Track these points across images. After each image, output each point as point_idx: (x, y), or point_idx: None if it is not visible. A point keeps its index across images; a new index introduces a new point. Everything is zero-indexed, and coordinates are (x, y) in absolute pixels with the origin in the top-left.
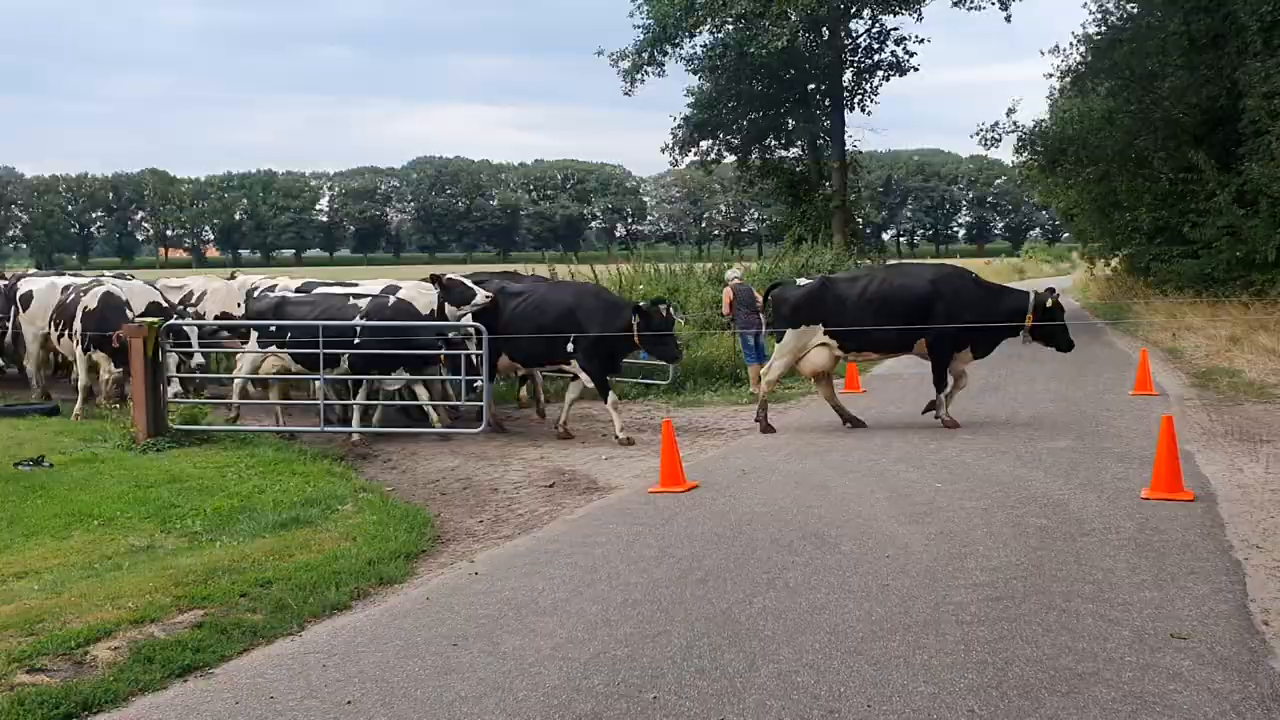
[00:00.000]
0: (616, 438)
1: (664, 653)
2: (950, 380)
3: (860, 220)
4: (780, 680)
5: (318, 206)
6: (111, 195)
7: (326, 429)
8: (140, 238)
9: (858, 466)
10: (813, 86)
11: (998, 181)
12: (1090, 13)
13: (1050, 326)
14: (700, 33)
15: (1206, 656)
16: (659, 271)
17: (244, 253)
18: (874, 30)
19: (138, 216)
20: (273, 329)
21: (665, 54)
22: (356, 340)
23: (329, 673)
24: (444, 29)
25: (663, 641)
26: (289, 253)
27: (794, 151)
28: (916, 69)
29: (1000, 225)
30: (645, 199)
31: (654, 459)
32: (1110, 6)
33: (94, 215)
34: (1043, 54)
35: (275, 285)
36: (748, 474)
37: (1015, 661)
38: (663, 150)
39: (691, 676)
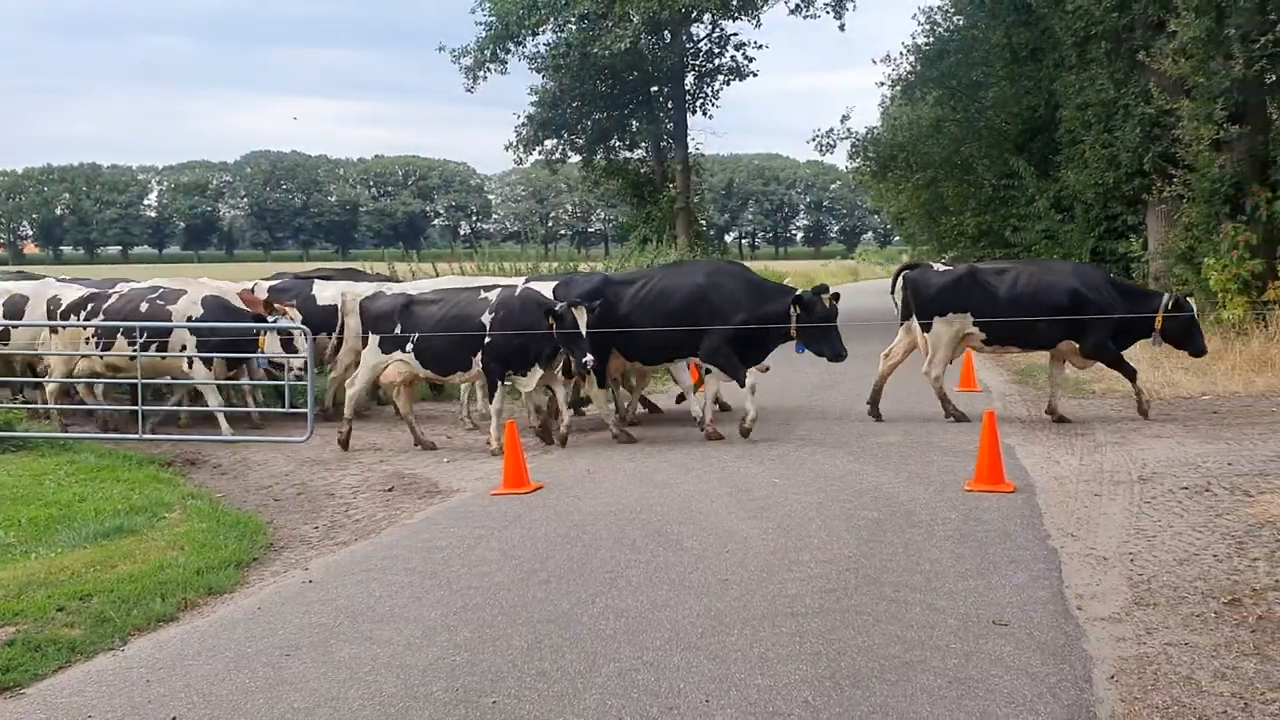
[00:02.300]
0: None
1: (504, 656)
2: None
3: (704, 222)
4: (620, 679)
5: (146, 201)
6: None
7: (145, 437)
8: None
9: (700, 464)
10: (656, 89)
11: (833, 186)
12: (919, 24)
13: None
14: (543, 31)
15: (1025, 641)
16: (504, 270)
17: (66, 249)
18: (714, 35)
19: None
20: (398, 330)
21: (508, 52)
22: (487, 338)
23: (153, 688)
24: (282, 21)
25: (503, 645)
26: (115, 249)
27: (638, 153)
28: (756, 74)
29: (836, 229)
30: (490, 197)
31: (498, 461)
32: (938, 18)
33: None
34: (875, 63)
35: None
36: (593, 473)
37: (848, 651)
38: (507, 148)
39: (532, 679)
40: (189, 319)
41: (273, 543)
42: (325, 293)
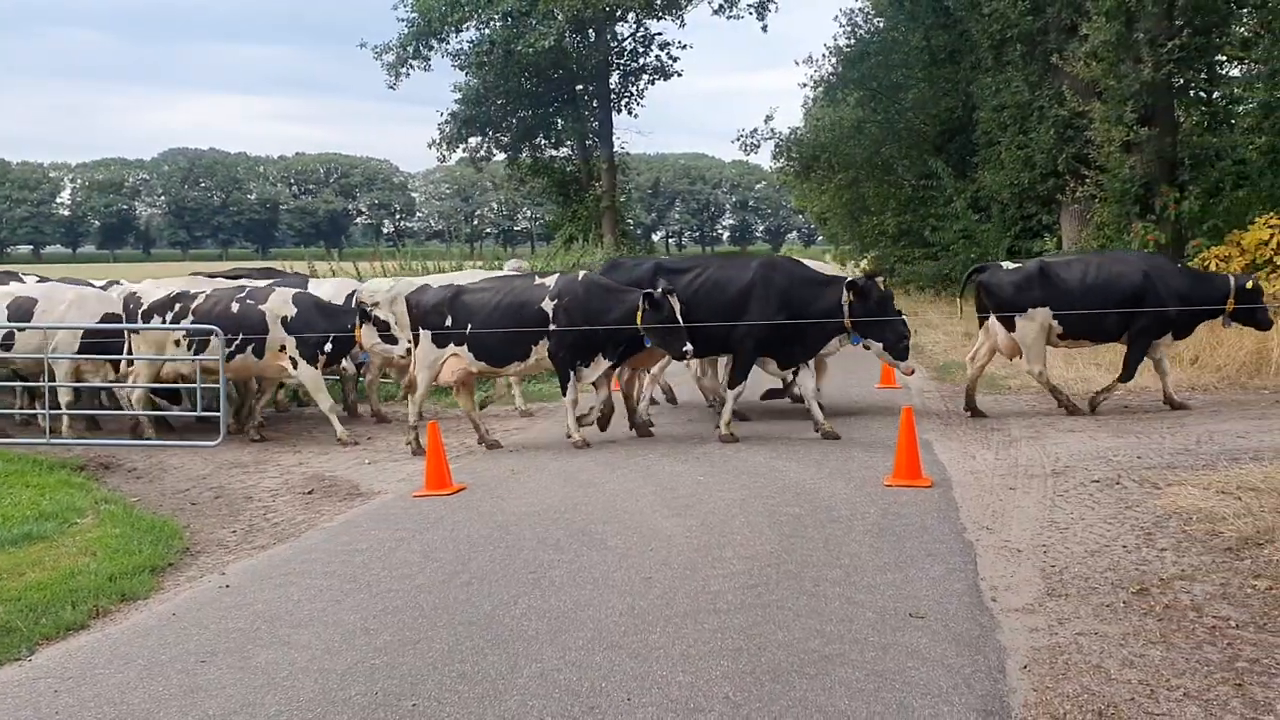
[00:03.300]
0: (820, 426)
1: (425, 659)
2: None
3: (631, 221)
4: (542, 680)
5: (58, 199)
6: None
7: (54, 441)
8: None
9: (626, 462)
10: (581, 87)
11: (758, 186)
12: (840, 26)
13: None
14: (466, 28)
15: (941, 633)
16: (427, 269)
17: None
18: (639, 34)
19: None
20: (448, 323)
21: (431, 48)
22: (553, 327)
23: (61, 699)
24: (199, 15)
25: (424, 648)
26: (26, 249)
27: (564, 151)
28: (680, 74)
29: (761, 228)
30: (414, 195)
31: (420, 463)
32: (859, 20)
33: None
34: (797, 64)
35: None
36: (517, 474)
37: (768, 646)
38: (430, 146)
39: (453, 681)
40: (283, 319)
41: (189, 547)
42: (323, 289)
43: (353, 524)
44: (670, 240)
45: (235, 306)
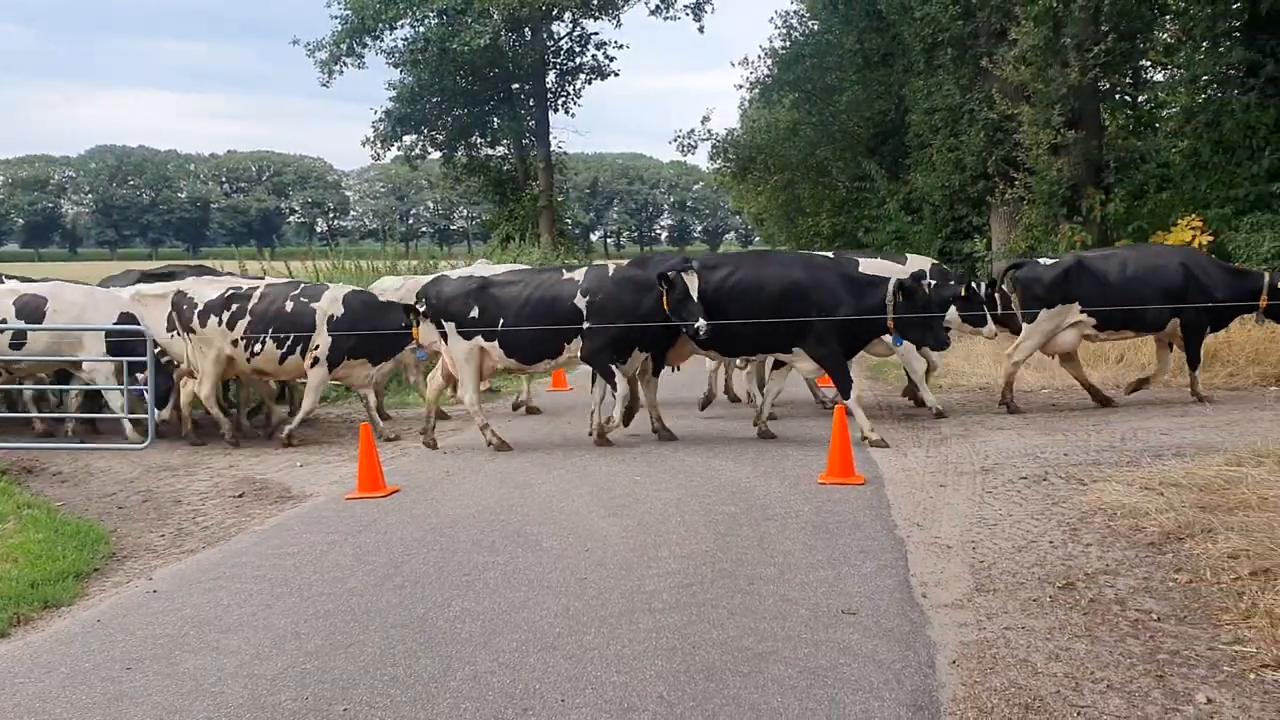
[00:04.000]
0: (867, 439)
1: (356, 663)
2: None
3: (569, 220)
4: (475, 682)
5: None
6: None
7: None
8: None
9: (562, 463)
10: (517, 86)
11: (696, 186)
12: (776, 28)
13: None
14: (401, 26)
15: (873, 629)
16: (360, 269)
17: None
18: (575, 34)
19: None
20: (474, 315)
21: (365, 46)
22: (586, 325)
23: None
24: (128, 9)
25: (355, 652)
26: None
27: (500, 150)
28: (617, 74)
29: (700, 228)
30: (348, 194)
31: (353, 465)
32: (794, 23)
33: None
34: (733, 65)
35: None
36: (452, 475)
37: (702, 645)
38: (364, 144)
39: (384, 685)
40: (330, 318)
41: (115, 552)
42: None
43: (284, 527)
44: (608, 240)
45: (289, 305)
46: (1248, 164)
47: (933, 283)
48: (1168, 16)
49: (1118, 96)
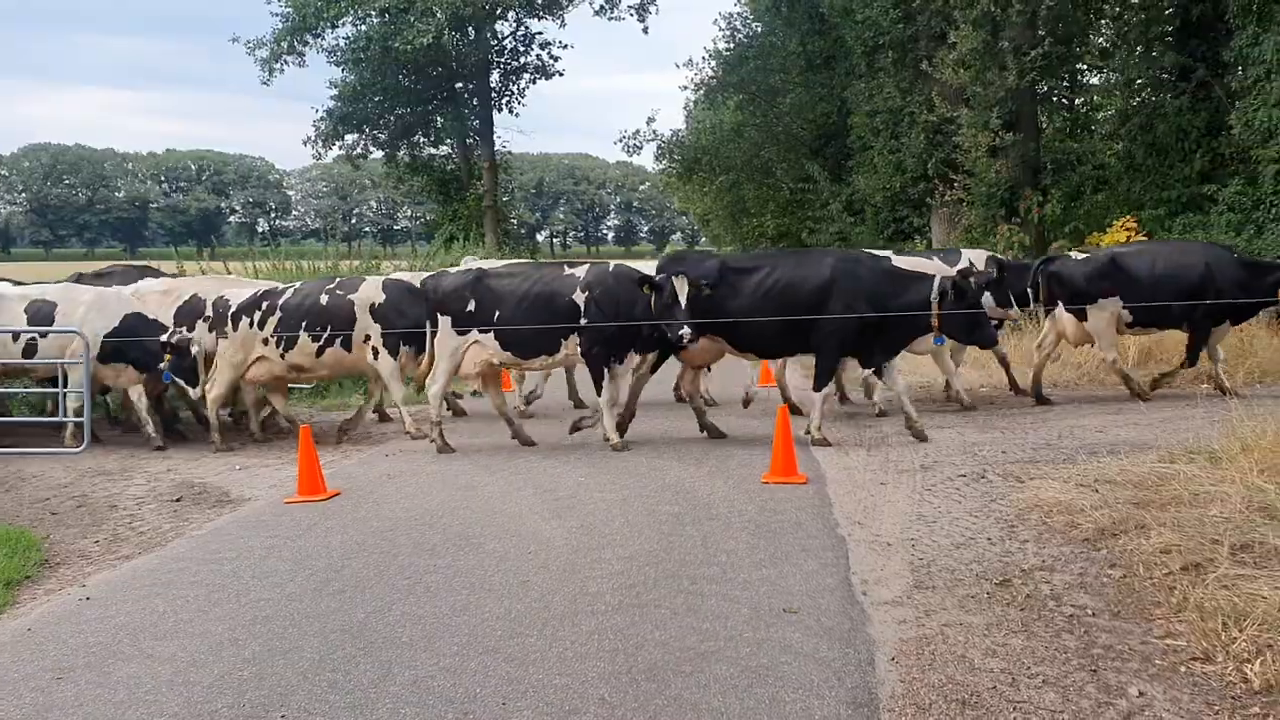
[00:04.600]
0: (810, 435)
1: (295, 669)
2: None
3: (514, 221)
4: (415, 687)
5: None
6: None
7: None
8: None
9: (506, 465)
10: (461, 85)
11: (642, 187)
12: (720, 29)
13: None
14: (343, 24)
15: (814, 628)
16: (300, 269)
17: None
18: (519, 33)
19: None
20: (471, 309)
21: (306, 44)
22: (584, 321)
23: None
24: (61, 4)
25: (294, 657)
26: None
27: (444, 150)
28: (561, 74)
29: (646, 229)
30: (290, 193)
31: (292, 468)
32: (738, 25)
33: None
34: (678, 66)
35: None
36: (394, 478)
37: (645, 646)
38: (305, 143)
39: (323, 691)
40: (372, 306)
41: (48, 559)
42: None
43: (222, 532)
44: (555, 240)
45: (324, 299)
46: (1180, 166)
47: (975, 280)
48: (1103, 21)
49: (1054, 99)
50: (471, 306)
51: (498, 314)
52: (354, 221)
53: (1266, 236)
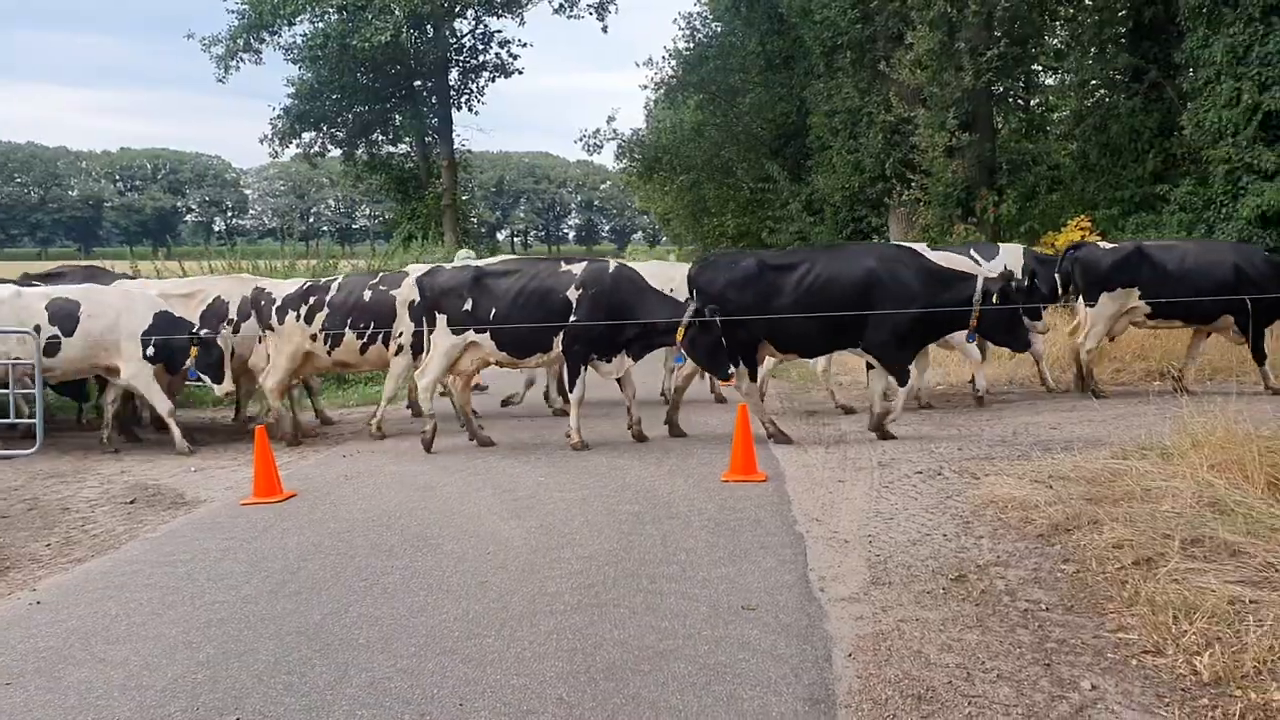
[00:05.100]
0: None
1: (250, 671)
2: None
3: (474, 219)
4: (372, 688)
5: None
6: None
7: None
8: None
9: (465, 465)
10: (420, 83)
11: (603, 185)
12: (680, 29)
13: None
14: (300, 21)
15: (772, 625)
16: (258, 269)
17: None
18: (479, 31)
19: None
20: (468, 307)
21: (262, 41)
22: (573, 317)
23: None
24: (13, 1)
25: (249, 660)
26: None
27: (403, 148)
28: (521, 72)
29: (607, 227)
30: (247, 192)
31: (248, 470)
32: (697, 24)
33: None
34: (638, 65)
35: None
36: (351, 479)
37: (604, 645)
38: (262, 141)
39: (278, 693)
40: (412, 304)
41: None
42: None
43: (176, 534)
44: (515, 239)
45: (368, 295)
46: (1133, 166)
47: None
48: (1057, 23)
49: (1010, 100)
50: (469, 305)
51: (494, 312)
52: (312, 220)
53: (1217, 236)
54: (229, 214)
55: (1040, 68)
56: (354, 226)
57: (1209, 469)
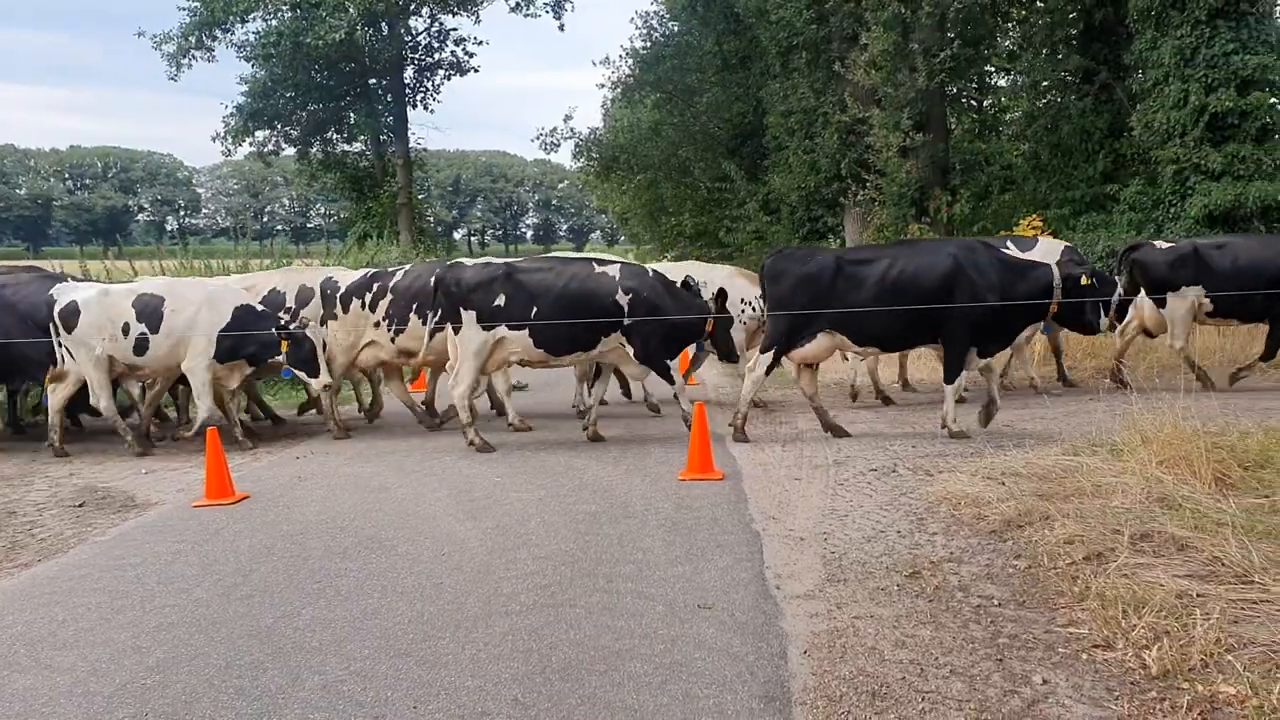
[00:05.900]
0: (948, 429)
1: (200, 676)
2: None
3: (430, 218)
4: (325, 691)
5: None
6: None
7: None
8: None
9: (420, 466)
10: (375, 81)
11: (561, 185)
12: (636, 28)
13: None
14: (253, 19)
15: (728, 623)
16: (209, 268)
17: None
18: (434, 29)
19: None
20: (500, 303)
21: (215, 39)
22: (628, 321)
23: None
24: None
25: (200, 664)
26: None
27: (357, 146)
28: (477, 70)
29: (565, 227)
30: (199, 191)
31: (200, 471)
32: (654, 23)
33: None
34: (595, 64)
35: None
36: (304, 480)
37: (560, 645)
38: (214, 139)
39: (230, 698)
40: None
41: None
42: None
43: (126, 537)
44: (472, 239)
45: (434, 282)
46: (1084, 166)
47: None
48: (1010, 24)
49: (963, 101)
50: (500, 301)
51: (536, 309)
52: (266, 219)
53: (1166, 235)
54: (181, 213)
55: (993, 69)
56: (308, 225)
57: (1158, 465)
